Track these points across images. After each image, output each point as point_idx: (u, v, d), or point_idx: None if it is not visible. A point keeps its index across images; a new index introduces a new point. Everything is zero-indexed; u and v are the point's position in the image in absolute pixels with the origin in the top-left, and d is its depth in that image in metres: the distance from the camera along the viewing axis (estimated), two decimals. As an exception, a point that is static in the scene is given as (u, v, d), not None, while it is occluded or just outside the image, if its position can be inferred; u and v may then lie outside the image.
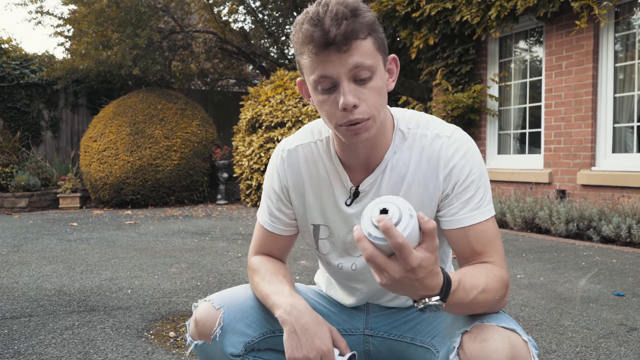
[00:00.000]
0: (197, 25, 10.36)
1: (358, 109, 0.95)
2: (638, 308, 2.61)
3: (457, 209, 1.03)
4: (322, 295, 1.28)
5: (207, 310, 1.09)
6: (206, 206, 8.12)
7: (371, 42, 0.95)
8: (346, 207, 1.11)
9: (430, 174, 1.05)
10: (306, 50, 0.95)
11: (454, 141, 1.05)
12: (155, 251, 4.19)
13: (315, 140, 1.14)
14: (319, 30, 0.91)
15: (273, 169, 1.18)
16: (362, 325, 1.22)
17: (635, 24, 5.04)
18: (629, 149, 5.10)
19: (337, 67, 0.93)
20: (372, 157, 1.08)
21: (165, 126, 8.23)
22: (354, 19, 0.92)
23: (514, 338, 0.90)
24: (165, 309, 2.64)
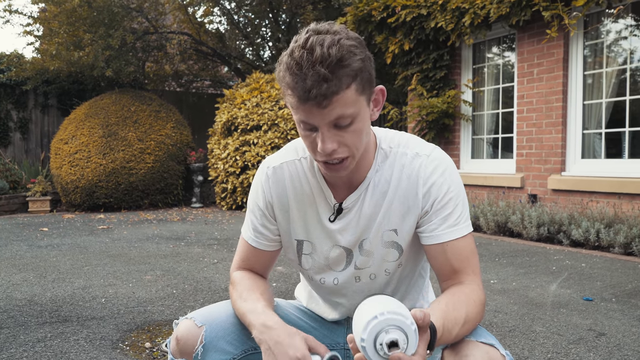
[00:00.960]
0: (172, 26, 10.25)
1: (336, 151, 0.99)
2: (606, 313, 2.69)
3: (435, 225, 1.07)
4: (303, 310, 1.28)
5: (189, 328, 1.09)
6: (181, 209, 8.04)
7: (354, 88, 0.95)
8: (329, 223, 1.13)
9: (410, 191, 1.09)
10: (286, 91, 0.97)
11: (433, 160, 1.09)
12: (130, 257, 4.13)
13: (299, 158, 1.16)
14: (300, 85, 0.92)
15: (258, 186, 1.18)
16: (342, 340, 1.23)
17: (603, 34, 5.19)
18: (597, 155, 5.26)
19: (317, 118, 0.96)
20: (355, 175, 1.11)
21: (139, 128, 8.11)
22: (335, 76, 0.91)
23: (492, 353, 0.93)
24: (141, 318, 2.61)
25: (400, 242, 1.12)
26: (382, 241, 1.12)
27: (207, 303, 2.88)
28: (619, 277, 3.47)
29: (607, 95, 5.14)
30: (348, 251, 1.15)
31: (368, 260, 1.14)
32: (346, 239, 1.14)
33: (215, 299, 2.95)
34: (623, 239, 4.20)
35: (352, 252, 1.15)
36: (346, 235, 1.13)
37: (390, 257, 1.14)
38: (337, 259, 1.15)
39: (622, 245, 4.22)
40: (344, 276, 1.16)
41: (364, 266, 1.15)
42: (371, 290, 1.17)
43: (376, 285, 1.17)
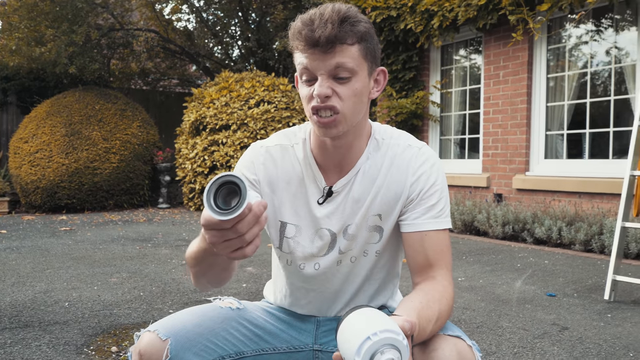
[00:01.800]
0: (139, 23, 10.04)
1: (330, 100, 1.03)
2: (568, 308, 2.77)
3: (419, 214, 1.11)
4: (270, 312, 1.26)
5: (153, 341, 1.03)
6: (147, 210, 7.88)
7: (358, 49, 1.03)
8: (318, 205, 1.15)
9: (399, 179, 1.13)
10: (295, 45, 1.04)
11: (424, 153, 1.14)
12: (94, 260, 4.02)
13: (292, 144, 1.19)
14: (307, 29, 1.00)
15: (247, 162, 1.18)
16: (311, 341, 1.22)
17: (565, 38, 5.35)
18: (560, 155, 5.41)
19: (318, 64, 1.02)
20: (346, 160, 1.14)
21: (104, 127, 7.91)
22: (342, 25, 1.00)
23: (460, 345, 0.95)
24: (106, 322, 2.54)
25: (383, 226, 1.15)
26: (367, 226, 1.15)
27: (176, 305, 2.83)
28: (579, 273, 3.58)
29: (569, 98, 5.30)
30: (333, 236, 1.16)
31: (351, 243, 1.16)
32: (332, 223, 1.15)
33: (185, 301, 2.90)
34: (583, 237, 4.33)
35: (336, 237, 1.16)
36: (333, 219, 1.15)
37: (372, 239, 1.16)
38: (322, 243, 1.16)
39: (583, 242, 4.36)
40: (326, 261, 1.17)
41: (346, 250, 1.16)
42: (350, 275, 1.18)
43: (355, 268, 1.17)
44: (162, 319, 1.11)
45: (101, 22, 9.07)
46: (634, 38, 4.79)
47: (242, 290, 3.11)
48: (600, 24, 5.11)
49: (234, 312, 1.17)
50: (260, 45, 9.98)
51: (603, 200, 4.74)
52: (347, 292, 1.20)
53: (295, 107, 7.72)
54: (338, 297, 1.21)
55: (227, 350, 1.11)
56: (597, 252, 4.27)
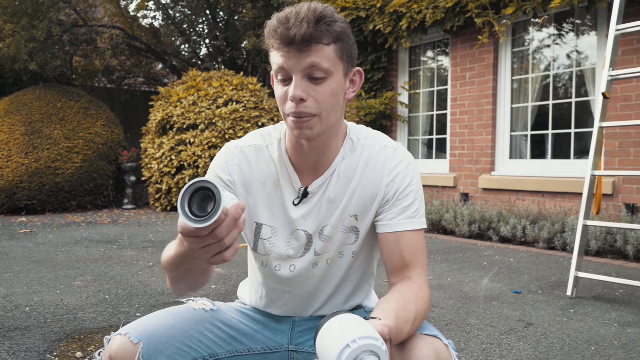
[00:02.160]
0: (103, 19, 9.79)
1: (305, 104, 1.02)
2: (533, 304, 2.84)
3: (394, 214, 1.11)
4: (245, 313, 1.25)
5: (124, 345, 1.00)
6: (112, 211, 7.69)
7: (334, 49, 1.02)
8: (293, 207, 1.14)
9: (375, 179, 1.13)
10: (271, 43, 1.03)
11: (399, 153, 1.14)
12: (56, 263, 3.90)
13: (267, 145, 1.18)
14: (283, 28, 0.99)
15: (221, 162, 1.17)
16: (286, 342, 1.21)
17: (529, 41, 5.49)
18: (524, 156, 5.55)
19: (293, 64, 1.01)
20: (321, 160, 1.13)
21: (66, 126, 7.68)
22: (318, 24, 0.99)
23: (437, 344, 0.96)
24: (71, 327, 2.46)
25: (359, 227, 1.15)
26: (343, 227, 1.14)
27: (143, 308, 2.77)
28: (543, 270, 3.68)
29: (533, 100, 5.44)
30: (309, 237, 1.15)
31: (327, 245, 1.15)
32: (308, 224, 1.14)
33: (152, 304, 2.84)
34: (547, 235, 4.46)
35: (312, 238, 1.15)
36: (309, 220, 1.14)
37: (348, 241, 1.16)
38: (298, 245, 1.15)
39: (546, 240, 4.48)
40: (302, 263, 1.16)
41: (323, 251, 1.15)
42: (326, 277, 1.17)
43: (331, 270, 1.16)
44: (133, 321, 1.08)
45: (63, 18, 8.80)
46: (594, 42, 4.95)
47: (211, 292, 3.07)
48: (562, 28, 5.27)
49: (208, 313, 1.15)
50: (229, 44, 9.88)
51: (565, 199, 4.89)
52: (323, 293, 1.19)
53: (264, 107, 7.67)
54: (314, 298, 1.20)
55: (201, 352, 1.09)
56: (560, 250, 4.40)
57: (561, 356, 2.11)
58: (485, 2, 5.15)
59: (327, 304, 1.21)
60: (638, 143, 4.42)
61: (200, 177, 6.14)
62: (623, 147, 4.51)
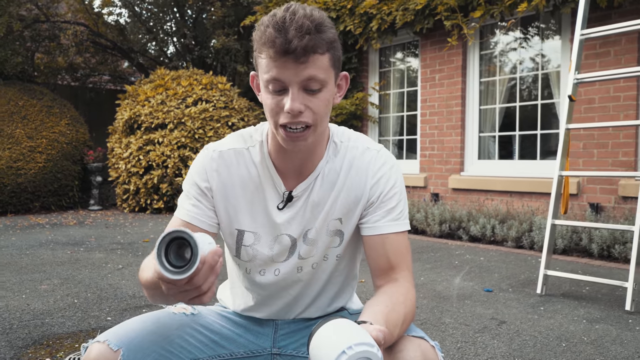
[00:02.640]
0: (66, 15, 9.51)
1: (302, 115, 0.99)
2: (505, 302, 2.91)
3: (379, 217, 1.10)
4: (226, 316, 1.23)
5: (103, 353, 0.97)
6: (77, 212, 7.48)
7: (328, 58, 1.00)
8: (277, 211, 1.12)
9: (358, 182, 1.12)
10: (265, 51, 0.98)
11: (382, 155, 1.14)
12: (21, 266, 3.76)
13: (247, 147, 1.14)
14: (281, 37, 0.94)
15: (199, 167, 1.13)
16: (269, 345, 1.20)
17: (496, 44, 5.61)
18: (492, 156, 5.67)
19: (290, 75, 0.97)
20: (306, 164, 1.11)
21: (29, 125, 7.43)
22: (316, 34, 0.96)
23: (424, 345, 0.97)
24: (38, 332, 2.38)
25: (343, 230, 1.14)
26: (327, 230, 1.13)
27: (114, 312, 2.70)
28: (513, 268, 3.76)
29: (500, 101, 5.56)
30: (293, 241, 1.13)
31: (312, 249, 1.14)
32: (293, 228, 1.12)
33: (123, 307, 2.77)
34: (515, 234, 4.56)
35: (296, 242, 1.13)
36: (293, 224, 1.12)
37: (333, 244, 1.15)
38: (281, 249, 1.14)
39: (514, 239, 4.58)
40: (286, 267, 1.14)
41: (307, 255, 1.14)
42: (311, 282, 1.16)
43: (316, 274, 1.15)
44: (111, 328, 1.05)
45: (24, 13, 8.51)
46: (558, 46, 5.10)
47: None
48: (527, 32, 5.41)
49: (189, 317, 1.12)
50: (197, 43, 9.75)
51: (532, 199, 5.02)
52: (307, 296, 1.19)
53: (234, 107, 7.60)
54: (299, 302, 1.19)
55: (182, 358, 1.06)
56: (528, 248, 4.51)
57: (534, 353, 2.16)
58: (453, 5, 5.24)
59: (311, 307, 1.20)
60: (601, 144, 4.58)
61: (169, 177, 5.98)
62: (587, 148, 4.66)
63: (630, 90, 4.39)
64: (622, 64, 4.42)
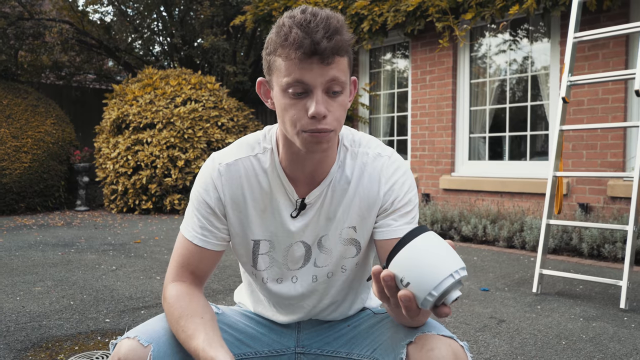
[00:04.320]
0: (51, 12, 9.36)
1: (326, 119, 0.97)
2: (502, 301, 2.94)
3: (393, 220, 1.10)
4: (249, 316, 1.23)
5: (134, 348, 0.97)
6: (64, 213, 7.37)
7: (347, 60, 0.99)
8: (291, 219, 1.11)
9: (371, 188, 1.11)
10: (287, 53, 0.94)
11: (394, 161, 1.12)
12: (11, 268, 3.70)
13: (255, 154, 1.11)
14: (309, 38, 0.92)
15: (207, 183, 1.10)
16: (293, 344, 1.20)
17: (487, 46, 5.68)
18: (482, 157, 5.73)
19: (316, 77, 0.94)
20: (318, 170, 1.09)
21: (13, 124, 7.30)
22: (341, 36, 0.95)
23: (454, 345, 0.98)
24: (36, 334, 2.34)
25: (359, 239, 1.13)
26: (340, 239, 1.12)
27: (112, 314, 2.67)
28: (506, 268, 3.81)
29: (490, 103, 5.63)
30: (307, 247, 1.13)
31: (327, 258, 1.13)
32: (307, 235, 1.12)
33: (121, 309, 2.74)
34: (506, 234, 4.62)
35: (310, 249, 1.13)
36: (307, 231, 1.11)
37: (349, 254, 1.14)
38: (297, 256, 1.13)
39: (506, 239, 4.64)
40: (303, 274, 1.14)
41: (323, 264, 1.14)
42: (327, 289, 1.16)
43: (333, 284, 1.16)
44: (138, 325, 1.05)
45: (8, 10, 8.36)
46: (547, 48, 5.18)
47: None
48: (517, 34, 5.48)
49: None
50: (185, 42, 9.68)
51: (522, 199, 5.09)
52: (327, 304, 1.19)
53: (224, 107, 7.56)
54: (318, 310, 1.19)
55: None
56: (519, 248, 4.57)
57: (535, 351, 2.19)
58: (445, 7, 5.29)
59: (333, 312, 1.21)
60: (590, 145, 4.66)
61: (158, 178, 5.94)
62: (576, 149, 4.74)
63: (618, 93, 4.47)
64: (610, 67, 4.50)
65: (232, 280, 3.37)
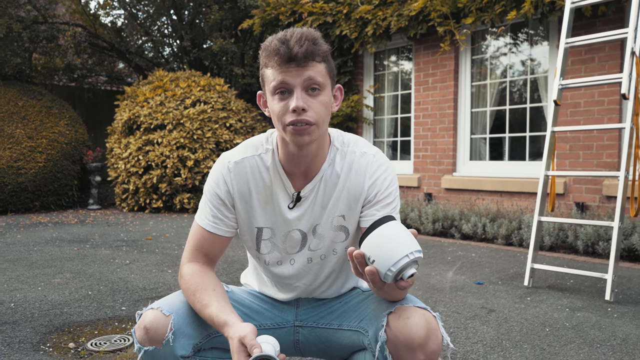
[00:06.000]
0: (64, 16, 9.61)
1: (306, 113, 1.17)
2: (494, 293, 3.10)
3: (376, 210, 1.28)
4: (254, 294, 1.41)
5: (157, 317, 1.16)
6: (77, 212, 7.60)
7: (324, 66, 1.20)
8: (288, 210, 1.29)
9: (357, 182, 1.29)
10: (271, 61, 1.18)
11: (378, 159, 1.31)
12: (31, 261, 3.90)
13: (259, 154, 1.30)
14: (284, 47, 1.15)
15: (218, 177, 1.30)
16: (292, 318, 1.38)
17: (487, 50, 5.82)
18: (483, 157, 5.88)
19: (294, 78, 1.16)
20: (311, 167, 1.28)
21: (29, 125, 7.55)
22: (313, 45, 1.17)
23: (427, 315, 1.16)
24: (59, 320, 2.54)
25: (347, 226, 1.31)
26: (332, 225, 1.30)
27: (127, 303, 2.86)
28: (502, 263, 3.96)
29: (491, 104, 5.77)
30: (303, 235, 1.31)
31: (320, 242, 1.31)
32: (302, 224, 1.30)
33: (135, 298, 2.94)
34: (505, 232, 4.77)
35: (306, 236, 1.31)
36: (303, 220, 1.29)
37: (339, 239, 1.32)
38: (294, 242, 1.31)
39: (504, 237, 4.79)
40: (299, 257, 1.32)
41: (316, 248, 1.32)
42: (321, 270, 1.34)
43: (326, 265, 1.33)
44: (160, 299, 1.23)
45: (23, 14, 8.61)
46: (546, 51, 5.32)
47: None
48: (517, 38, 5.62)
49: None
50: (195, 45, 9.89)
51: (521, 198, 5.23)
52: (322, 282, 1.36)
53: (232, 108, 7.76)
54: (316, 287, 1.37)
55: None
56: (517, 245, 4.72)
57: (520, 336, 2.35)
58: (446, 12, 5.44)
59: (327, 290, 1.38)
60: (586, 146, 4.80)
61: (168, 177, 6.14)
62: (573, 149, 4.88)
63: (613, 95, 4.61)
64: (606, 70, 4.64)
65: (239, 274, 3.56)
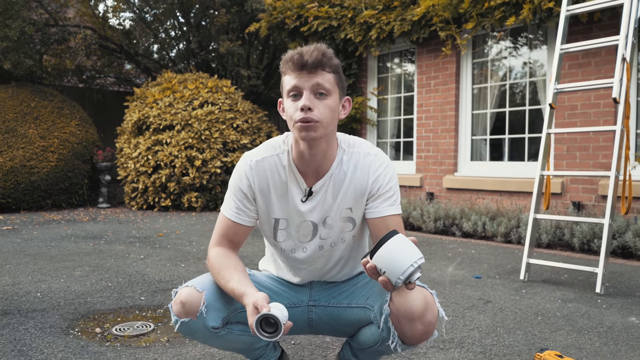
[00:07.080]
0: (74, 19, 9.83)
1: (312, 112, 1.35)
2: (492, 286, 3.28)
3: (379, 203, 1.47)
4: (273, 277, 1.60)
5: (191, 293, 1.36)
6: (87, 210, 7.81)
7: (332, 76, 1.41)
8: (301, 203, 1.48)
9: (362, 179, 1.48)
10: (287, 69, 1.39)
11: (379, 158, 1.50)
12: (51, 256, 4.10)
13: (277, 154, 1.50)
14: (298, 56, 1.38)
15: (241, 174, 1.49)
16: (306, 298, 1.56)
17: (487, 53, 5.99)
18: (483, 158, 6.05)
19: (304, 82, 1.37)
20: (321, 166, 1.46)
21: (41, 125, 7.75)
22: (323, 57, 1.38)
23: (425, 292, 1.34)
24: (83, 308, 2.72)
25: (354, 217, 1.49)
26: (340, 217, 1.49)
27: (146, 293, 3.04)
28: (501, 260, 4.14)
29: (491, 106, 5.94)
30: (314, 225, 1.49)
31: (329, 232, 1.49)
32: (314, 216, 1.48)
33: (153, 290, 3.12)
34: (504, 230, 4.94)
35: (317, 226, 1.49)
36: (314, 212, 1.48)
37: (347, 228, 1.50)
38: (306, 231, 1.50)
39: (503, 235, 4.96)
40: (311, 245, 1.51)
41: (326, 237, 1.50)
42: (331, 256, 1.52)
43: (335, 252, 1.52)
44: (192, 279, 1.42)
45: (35, 17, 8.83)
46: (544, 55, 5.49)
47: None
48: (517, 41, 5.79)
49: None
50: (202, 47, 10.09)
51: (520, 197, 5.40)
52: (333, 267, 1.55)
53: (239, 109, 7.95)
54: (327, 271, 1.55)
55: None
56: (515, 243, 4.89)
57: (513, 324, 2.53)
58: (448, 17, 5.62)
59: (339, 274, 1.57)
60: (583, 147, 4.97)
61: (177, 177, 6.36)
62: (570, 151, 5.05)
63: (609, 98, 4.77)
64: (602, 74, 4.81)
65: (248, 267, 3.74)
